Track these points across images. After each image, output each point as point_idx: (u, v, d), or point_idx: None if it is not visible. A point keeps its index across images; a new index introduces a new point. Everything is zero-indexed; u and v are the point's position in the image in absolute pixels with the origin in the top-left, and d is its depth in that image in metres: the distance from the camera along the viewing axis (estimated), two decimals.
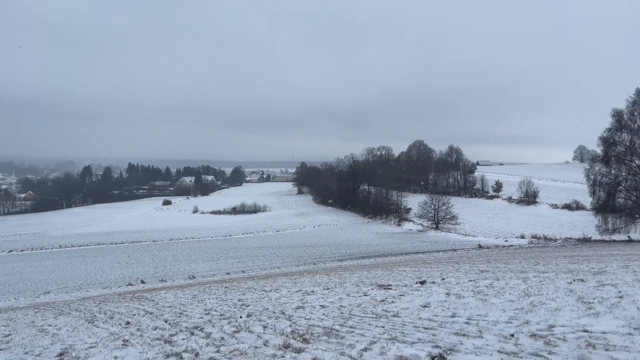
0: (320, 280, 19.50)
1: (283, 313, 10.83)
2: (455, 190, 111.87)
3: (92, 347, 9.21)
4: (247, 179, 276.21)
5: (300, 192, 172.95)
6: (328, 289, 15.20)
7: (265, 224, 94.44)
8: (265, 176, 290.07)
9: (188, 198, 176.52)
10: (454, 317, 8.16)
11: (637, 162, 41.37)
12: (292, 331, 8.47)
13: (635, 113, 40.99)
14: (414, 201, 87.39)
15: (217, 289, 19.96)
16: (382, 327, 8.02)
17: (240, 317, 10.94)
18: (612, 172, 42.63)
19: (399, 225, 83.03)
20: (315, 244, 59.02)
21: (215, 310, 12.58)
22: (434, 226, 73.18)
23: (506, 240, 52.07)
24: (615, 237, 42.46)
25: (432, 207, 74.35)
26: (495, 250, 39.10)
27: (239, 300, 14.68)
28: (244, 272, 36.89)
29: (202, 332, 9.41)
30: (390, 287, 13.75)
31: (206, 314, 12.13)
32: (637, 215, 41.29)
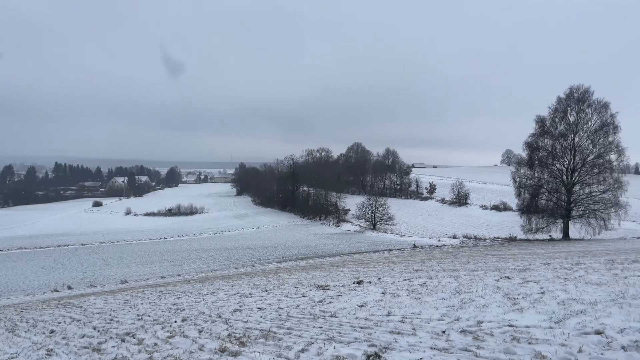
0: (259, 282, 19.34)
1: (220, 316, 10.63)
2: (391, 192, 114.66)
3: (12, 358, 8.61)
4: (184, 179, 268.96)
5: (239, 194, 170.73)
6: (266, 291, 15.10)
7: (203, 226, 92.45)
8: (202, 177, 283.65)
9: (120, 199, 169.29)
10: (390, 315, 8.34)
11: (557, 165, 44.23)
12: (229, 335, 8.34)
13: (557, 120, 43.81)
14: (352, 202, 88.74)
15: (151, 294, 19.30)
16: (320, 327, 8.06)
17: (175, 321, 10.63)
18: (536, 175, 45.33)
19: (338, 226, 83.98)
20: (254, 245, 58.49)
21: (149, 316, 12.15)
22: (372, 227, 74.64)
23: (439, 240, 54.02)
24: (538, 236, 45.14)
25: (370, 208, 75.83)
26: (429, 250, 40.45)
27: (174, 304, 14.26)
28: (179, 275, 35.89)
29: (134, 338, 9.06)
30: (328, 287, 13.86)
31: (139, 319, 11.69)
32: (557, 216, 44.12)
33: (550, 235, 44.54)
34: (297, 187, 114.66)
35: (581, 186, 43.16)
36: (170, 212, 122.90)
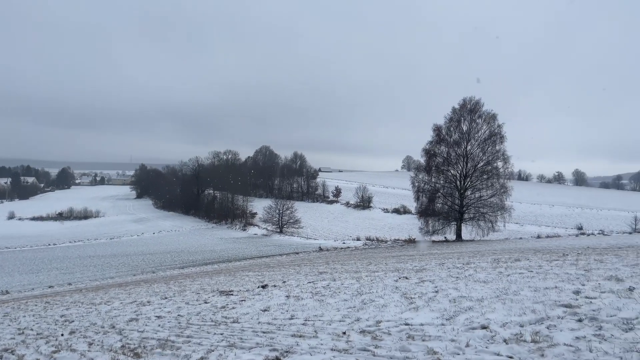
0: (159, 289, 18.49)
1: (113, 327, 9.97)
2: (299, 195, 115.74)
3: None
4: (77, 181, 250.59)
5: (139, 197, 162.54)
6: (166, 298, 14.46)
7: (98, 231, 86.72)
8: (98, 178, 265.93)
9: (2, 202, 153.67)
10: (292, 319, 8.34)
11: (452, 171, 47.35)
12: (123, 346, 7.83)
13: (451, 129, 46.91)
14: (259, 206, 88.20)
15: (36, 305, 17.67)
16: (221, 334, 7.84)
17: (62, 334, 9.79)
18: (433, 180, 48.15)
19: (245, 230, 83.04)
20: (155, 251, 55.94)
21: (32, 329, 11.08)
22: (279, 230, 74.71)
23: (344, 243, 55.40)
24: (435, 237, 47.92)
25: (277, 211, 75.90)
26: (334, 252, 41.31)
27: (62, 316, 13.16)
28: (70, 284, 33.28)
29: (13, 355, 8.19)
30: (232, 292, 13.58)
31: (20, 333, 10.61)
32: (451, 218, 47.19)
33: (445, 237, 47.45)
34: (202, 190, 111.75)
35: (472, 191, 46.56)
36: (61, 216, 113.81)
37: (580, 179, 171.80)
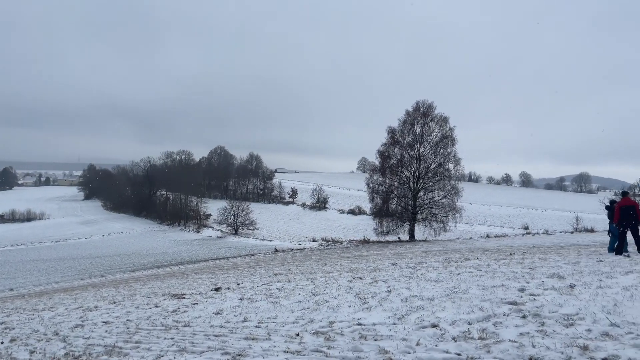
0: (107, 293, 17.86)
1: (57, 334, 9.54)
2: (254, 196, 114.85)
3: None
4: (20, 181, 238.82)
5: (87, 198, 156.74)
6: (115, 302, 13.97)
7: (43, 234, 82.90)
8: (43, 179, 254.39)
9: None
10: (245, 321, 8.24)
11: (406, 173, 48.30)
12: (66, 353, 7.51)
13: (405, 131, 47.85)
14: (214, 207, 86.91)
15: None
16: (172, 338, 7.65)
17: (2, 342, 9.29)
18: (387, 181, 48.94)
19: (198, 231, 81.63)
20: (104, 254, 54.04)
21: None
22: (234, 232, 73.87)
23: (300, 244, 55.36)
24: (389, 238, 48.68)
25: (232, 213, 75.01)
26: (290, 254, 41.20)
27: (2, 323, 12.48)
28: (12, 290, 31.61)
29: None
30: (184, 296, 13.29)
31: None
32: (405, 219, 48.10)
33: (399, 237, 48.30)
34: (154, 191, 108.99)
35: (425, 192, 47.65)
36: (2, 218, 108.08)
37: (526, 181, 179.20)
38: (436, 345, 5.37)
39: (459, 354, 4.97)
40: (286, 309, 8.91)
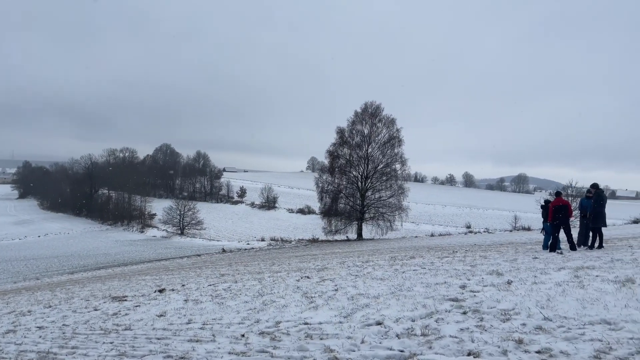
0: (42, 297, 16.98)
1: None
2: (202, 196, 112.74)
3: None
4: None
5: (22, 197, 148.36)
6: (50, 306, 13.30)
7: None
8: None
9: None
10: (190, 323, 8.06)
11: (354, 173, 48.89)
12: None
13: (354, 132, 48.46)
14: (159, 207, 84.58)
15: None
16: (111, 343, 7.36)
17: None
18: (336, 181, 49.37)
19: (143, 231, 79.25)
20: (40, 255, 51.34)
21: None
22: (180, 232, 72.22)
23: (248, 244, 54.85)
24: (338, 237, 49.12)
25: (178, 212, 73.31)
26: (238, 254, 40.73)
27: None
28: None
29: None
30: (125, 298, 12.84)
31: None
32: (353, 218, 48.68)
33: (347, 236, 48.83)
34: (96, 190, 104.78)
35: (373, 192, 48.44)
36: None
37: (469, 181, 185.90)
38: (380, 343, 5.45)
39: (402, 351, 5.07)
40: (232, 310, 8.78)
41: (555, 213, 13.74)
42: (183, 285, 14.36)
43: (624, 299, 6.19)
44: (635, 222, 36.04)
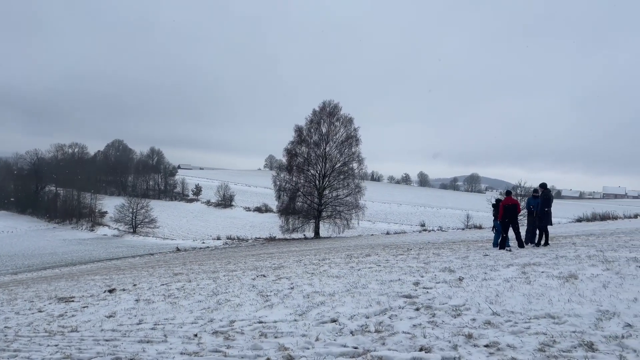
0: None
1: None
2: (155, 193, 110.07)
3: None
4: None
5: None
6: None
7: None
8: None
9: None
10: (141, 324, 7.83)
11: (312, 171, 49.00)
12: None
13: (312, 130, 48.56)
14: (110, 204, 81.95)
15: None
16: (56, 345, 7.06)
17: None
18: (294, 179, 49.34)
19: (93, 230, 76.62)
20: None
21: None
22: (132, 230, 70.31)
23: (203, 242, 53.98)
24: (295, 235, 49.07)
25: (131, 210, 71.34)
26: (192, 253, 40.02)
27: None
28: None
29: None
30: (73, 299, 12.36)
31: None
32: (310, 216, 48.78)
33: (304, 234, 48.88)
34: (43, 187, 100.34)
35: (330, 190, 48.72)
36: None
37: (423, 181, 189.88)
38: (335, 340, 5.47)
39: (355, 348, 5.10)
40: (185, 310, 8.61)
41: (505, 212, 14.23)
42: (135, 285, 13.96)
43: (567, 293, 6.47)
44: (579, 220, 37.85)
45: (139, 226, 70.49)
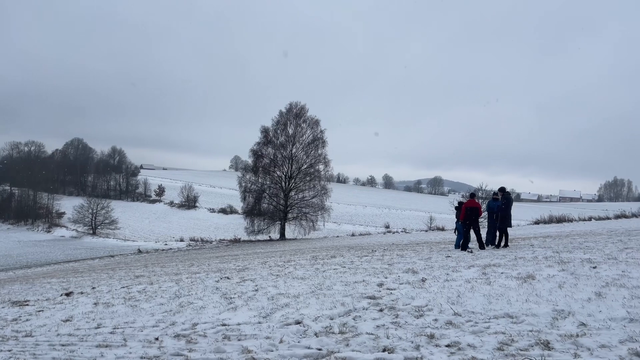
0: None
1: None
2: (116, 194, 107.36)
3: None
4: None
5: None
6: None
7: None
8: None
9: None
10: (99, 327, 7.61)
11: (278, 172, 48.84)
12: None
13: (279, 131, 48.42)
14: (69, 205, 79.37)
15: None
16: (9, 350, 6.76)
17: None
18: (260, 180, 49.04)
19: (49, 231, 74.03)
20: None
21: None
22: (92, 232, 68.33)
23: (166, 244, 52.96)
24: (260, 237, 48.77)
25: (90, 211, 69.29)
26: (155, 255, 39.21)
27: None
28: None
29: None
30: (27, 303, 11.89)
31: None
32: (276, 218, 48.57)
33: (270, 236, 48.65)
34: None
35: (296, 192, 48.68)
36: None
37: (388, 183, 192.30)
38: (299, 342, 5.46)
39: (319, 349, 5.10)
40: (146, 313, 8.41)
41: (467, 213, 14.55)
42: (93, 288, 13.56)
43: (525, 294, 6.67)
44: (537, 223, 39.09)
45: (99, 227, 68.58)
